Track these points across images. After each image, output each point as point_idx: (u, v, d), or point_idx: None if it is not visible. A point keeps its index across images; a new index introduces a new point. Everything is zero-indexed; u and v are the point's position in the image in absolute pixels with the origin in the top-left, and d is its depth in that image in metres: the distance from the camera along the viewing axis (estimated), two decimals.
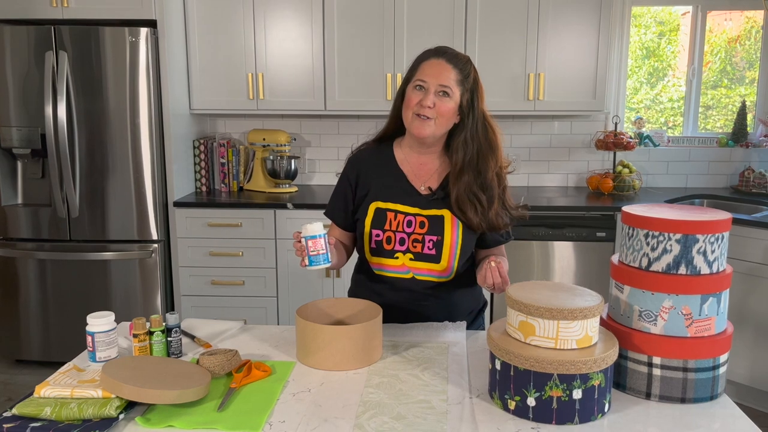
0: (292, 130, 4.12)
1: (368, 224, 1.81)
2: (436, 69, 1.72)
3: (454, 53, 1.76)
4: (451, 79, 1.72)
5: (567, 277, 3.57)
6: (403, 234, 1.79)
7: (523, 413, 1.29)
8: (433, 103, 1.71)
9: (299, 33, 3.69)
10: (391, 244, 1.79)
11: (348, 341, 1.52)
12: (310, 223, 1.64)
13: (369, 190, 1.84)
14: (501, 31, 3.64)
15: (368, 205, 1.82)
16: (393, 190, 1.82)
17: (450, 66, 1.72)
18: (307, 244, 1.63)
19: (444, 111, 1.72)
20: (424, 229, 1.78)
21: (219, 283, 3.61)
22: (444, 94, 1.71)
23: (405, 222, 1.79)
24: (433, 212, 1.79)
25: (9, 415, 1.27)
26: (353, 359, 1.53)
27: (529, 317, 1.30)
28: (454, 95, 1.72)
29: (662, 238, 1.34)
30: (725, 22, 4.17)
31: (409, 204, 1.80)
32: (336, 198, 1.92)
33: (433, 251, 1.78)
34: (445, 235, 1.77)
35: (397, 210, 1.80)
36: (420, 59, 1.78)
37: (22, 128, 3.43)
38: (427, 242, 1.78)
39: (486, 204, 1.76)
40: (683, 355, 1.33)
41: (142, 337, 1.55)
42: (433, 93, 1.71)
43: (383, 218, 1.80)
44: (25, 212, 3.56)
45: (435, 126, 1.73)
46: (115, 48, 3.36)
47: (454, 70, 1.72)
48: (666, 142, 4.15)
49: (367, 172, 1.86)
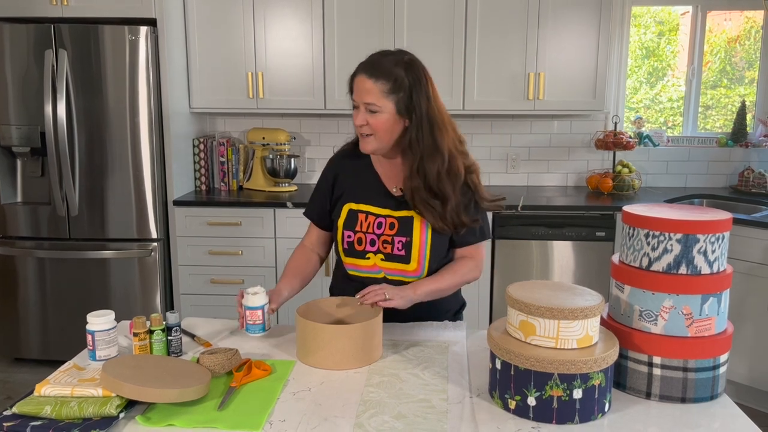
0: (291, 129, 4.12)
1: (341, 225, 1.82)
2: (360, 86, 1.69)
3: (378, 65, 1.69)
4: (375, 94, 1.66)
5: (566, 277, 3.57)
6: (373, 235, 1.79)
7: (524, 413, 1.29)
8: (365, 121, 1.69)
9: (299, 32, 3.69)
10: (362, 245, 1.80)
11: (348, 340, 1.52)
12: (253, 293, 1.70)
13: (344, 191, 1.85)
14: (501, 30, 3.64)
15: (342, 206, 1.84)
16: (366, 192, 1.83)
17: (371, 81, 1.67)
18: (246, 313, 1.70)
19: (378, 126, 1.69)
20: (393, 231, 1.79)
21: (218, 282, 3.61)
22: (372, 111, 1.68)
23: (375, 223, 1.80)
24: (403, 213, 1.79)
25: (9, 414, 1.27)
26: (353, 358, 1.53)
27: (529, 317, 1.30)
28: (384, 108, 1.67)
29: (663, 238, 1.34)
30: (725, 22, 4.17)
31: (380, 205, 1.81)
32: (315, 199, 1.93)
33: (403, 252, 1.78)
34: (413, 237, 1.78)
35: (368, 211, 1.81)
36: (352, 75, 1.74)
37: (21, 126, 3.43)
38: (397, 243, 1.78)
39: (440, 207, 1.73)
40: (683, 355, 1.34)
41: (143, 336, 1.55)
42: (363, 111, 1.69)
43: (354, 219, 1.81)
44: (25, 210, 3.55)
45: (376, 141, 1.72)
46: (115, 46, 3.36)
47: (376, 84, 1.66)
48: (665, 142, 4.15)
49: (345, 173, 1.87)
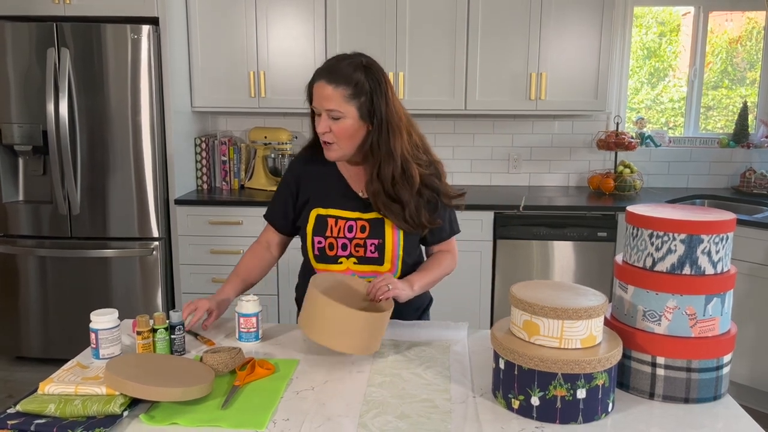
0: (293, 129, 4.12)
1: (310, 232, 1.79)
2: (320, 93, 1.65)
3: (336, 70, 1.65)
4: (336, 100, 1.63)
5: (567, 277, 3.57)
6: (345, 239, 1.77)
7: (527, 412, 1.29)
8: (328, 128, 1.66)
9: (301, 31, 3.69)
10: (333, 251, 1.78)
11: (363, 327, 1.49)
12: (246, 300, 1.68)
13: (310, 196, 1.82)
14: (503, 30, 3.64)
15: (309, 211, 1.80)
16: (333, 196, 1.80)
17: (331, 87, 1.63)
18: (240, 320, 1.68)
19: (341, 132, 1.66)
20: (365, 234, 1.77)
21: (220, 281, 3.60)
22: (335, 118, 1.65)
23: (346, 227, 1.77)
24: (373, 215, 1.77)
25: (13, 412, 1.27)
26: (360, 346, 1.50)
27: (533, 317, 1.30)
28: (346, 113, 1.64)
29: (667, 238, 1.34)
30: (726, 22, 4.17)
31: (349, 209, 1.79)
32: (276, 203, 1.89)
33: (376, 254, 1.77)
34: (386, 238, 1.76)
35: (337, 216, 1.78)
36: (310, 82, 1.69)
37: (23, 125, 3.43)
38: (369, 246, 1.77)
39: (399, 210, 1.73)
40: (687, 355, 1.34)
41: (146, 335, 1.55)
42: (326, 118, 1.66)
43: (324, 225, 1.78)
44: (26, 209, 3.55)
45: (340, 148, 1.70)
46: (117, 45, 3.36)
47: (337, 89, 1.63)
48: (667, 143, 4.15)
49: (308, 177, 1.83)
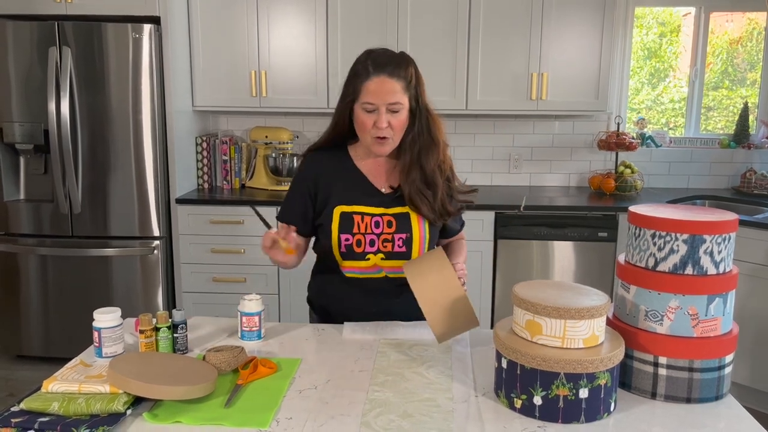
0: (294, 128, 4.13)
1: (335, 230, 1.79)
2: (381, 88, 1.67)
3: (393, 62, 1.70)
4: (398, 93, 1.68)
5: (568, 277, 3.57)
6: (373, 235, 1.78)
7: (530, 412, 1.29)
8: (387, 122, 1.69)
9: (302, 31, 3.69)
10: (361, 247, 1.79)
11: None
12: (249, 299, 1.68)
13: (330, 194, 1.82)
14: (504, 30, 3.65)
15: (332, 209, 1.80)
16: (355, 193, 1.81)
17: (393, 80, 1.67)
18: (242, 319, 1.68)
19: (398, 125, 1.71)
20: (392, 228, 1.79)
21: (220, 280, 3.61)
22: (395, 111, 1.69)
23: (372, 223, 1.79)
24: (398, 210, 1.80)
25: (17, 410, 1.27)
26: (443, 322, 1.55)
27: (536, 316, 1.30)
28: (404, 106, 1.70)
29: (669, 238, 1.34)
30: (726, 23, 4.17)
31: (373, 204, 1.80)
32: (293, 204, 1.87)
33: (404, 248, 1.79)
34: (413, 231, 1.79)
35: (363, 212, 1.79)
36: (362, 78, 1.69)
37: (24, 124, 3.43)
38: (397, 240, 1.79)
39: (432, 198, 1.78)
40: (689, 355, 1.34)
41: (149, 333, 1.55)
42: (385, 112, 1.68)
43: (350, 222, 1.79)
44: (27, 208, 3.55)
45: (393, 142, 1.75)
46: (119, 44, 3.36)
47: (398, 82, 1.68)
48: (668, 143, 4.16)
49: (326, 176, 1.83)
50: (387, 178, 1.83)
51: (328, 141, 1.85)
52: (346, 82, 1.74)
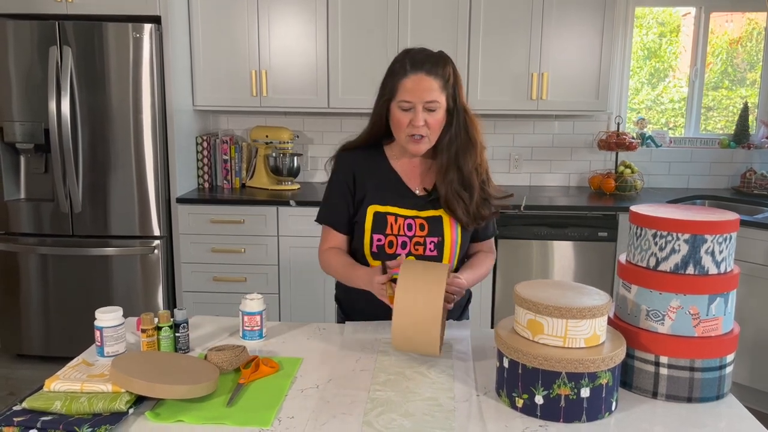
0: (295, 128, 4.13)
1: (368, 229, 1.78)
2: (419, 86, 1.66)
3: (431, 61, 1.68)
4: (435, 91, 1.67)
5: (568, 277, 3.57)
6: (405, 237, 1.77)
7: (531, 411, 1.30)
8: (423, 121, 1.67)
9: (303, 30, 3.69)
10: (393, 248, 1.78)
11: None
12: (251, 299, 1.68)
13: (366, 192, 1.81)
14: (504, 30, 3.65)
15: (366, 208, 1.79)
16: (389, 193, 1.80)
17: (431, 78, 1.66)
18: (244, 319, 1.68)
19: (435, 124, 1.70)
20: (424, 232, 1.77)
21: (221, 280, 3.62)
22: (431, 110, 1.68)
23: (405, 225, 1.77)
24: (430, 213, 1.78)
25: (19, 409, 1.27)
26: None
27: (537, 316, 1.30)
28: (441, 105, 1.69)
29: (670, 238, 1.34)
30: (726, 23, 4.18)
31: (406, 206, 1.79)
32: (336, 203, 1.85)
33: (435, 252, 1.77)
34: (445, 236, 1.77)
35: (396, 213, 1.78)
36: (399, 76, 1.68)
37: (25, 123, 3.43)
38: (429, 244, 1.77)
39: (468, 200, 1.75)
40: (690, 355, 1.34)
41: (150, 333, 1.55)
42: (421, 111, 1.67)
43: (383, 222, 1.78)
44: (28, 207, 3.55)
45: (429, 141, 1.73)
46: (119, 44, 3.36)
47: (436, 80, 1.67)
48: (668, 143, 4.16)
49: (362, 173, 1.82)
50: (422, 179, 1.82)
51: (365, 141, 1.83)
52: (383, 80, 1.73)
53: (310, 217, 1.86)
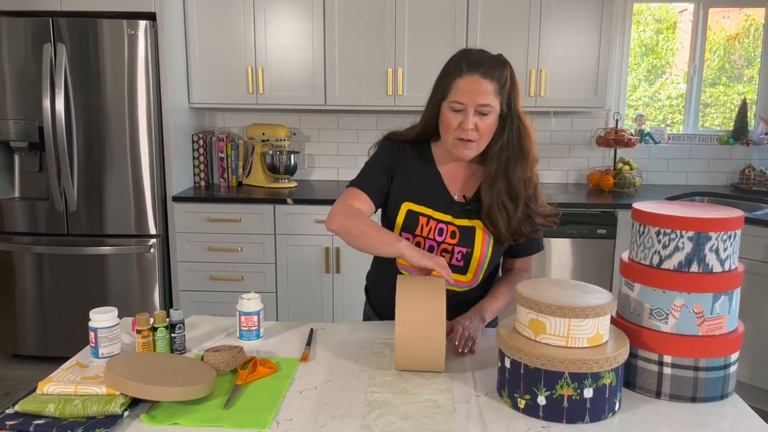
0: (291, 125, 4.10)
1: (399, 226, 1.73)
2: (473, 87, 1.58)
3: (488, 63, 1.61)
4: (490, 95, 1.59)
5: (567, 275, 3.56)
6: (433, 242, 1.71)
7: (533, 412, 1.28)
8: (473, 124, 1.59)
9: (299, 27, 3.66)
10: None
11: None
12: (248, 298, 1.65)
13: (404, 185, 1.75)
14: (502, 26, 3.62)
15: (400, 203, 1.73)
16: (427, 194, 1.73)
17: (486, 81, 1.58)
18: (240, 318, 1.65)
19: (486, 130, 1.62)
20: (454, 240, 1.70)
21: (218, 279, 3.59)
22: (483, 114, 1.60)
23: (437, 230, 1.71)
24: (465, 222, 1.71)
25: (12, 413, 1.25)
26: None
27: (539, 315, 1.28)
28: (494, 110, 1.61)
29: (674, 236, 1.32)
30: (723, 19, 4.16)
31: (442, 210, 1.72)
32: (373, 173, 1.75)
33: (461, 263, 1.71)
34: (475, 248, 1.70)
35: (429, 216, 1.72)
36: (453, 76, 1.61)
37: (19, 121, 3.40)
38: (456, 254, 1.71)
39: (513, 212, 1.67)
40: (694, 354, 1.32)
41: (146, 333, 1.53)
42: (472, 114, 1.59)
43: (415, 222, 1.72)
44: (22, 206, 3.52)
45: (478, 146, 1.64)
46: (114, 41, 3.33)
47: (491, 84, 1.59)
48: (666, 140, 4.14)
49: (406, 164, 1.76)
50: (463, 185, 1.74)
51: (413, 138, 1.77)
52: (437, 80, 1.66)
53: (308, 215, 1.83)
